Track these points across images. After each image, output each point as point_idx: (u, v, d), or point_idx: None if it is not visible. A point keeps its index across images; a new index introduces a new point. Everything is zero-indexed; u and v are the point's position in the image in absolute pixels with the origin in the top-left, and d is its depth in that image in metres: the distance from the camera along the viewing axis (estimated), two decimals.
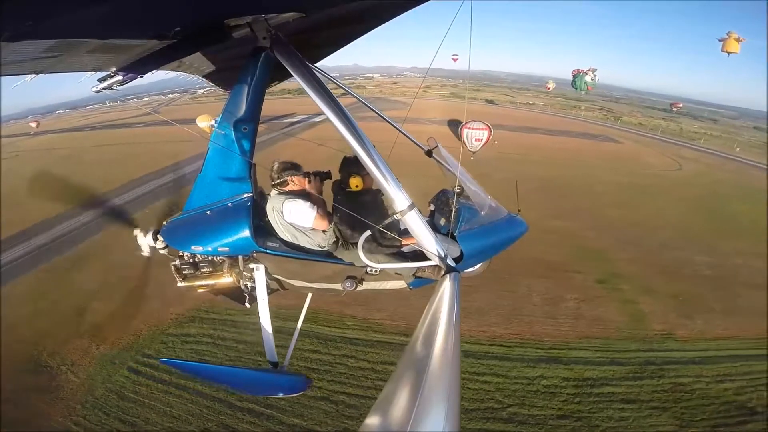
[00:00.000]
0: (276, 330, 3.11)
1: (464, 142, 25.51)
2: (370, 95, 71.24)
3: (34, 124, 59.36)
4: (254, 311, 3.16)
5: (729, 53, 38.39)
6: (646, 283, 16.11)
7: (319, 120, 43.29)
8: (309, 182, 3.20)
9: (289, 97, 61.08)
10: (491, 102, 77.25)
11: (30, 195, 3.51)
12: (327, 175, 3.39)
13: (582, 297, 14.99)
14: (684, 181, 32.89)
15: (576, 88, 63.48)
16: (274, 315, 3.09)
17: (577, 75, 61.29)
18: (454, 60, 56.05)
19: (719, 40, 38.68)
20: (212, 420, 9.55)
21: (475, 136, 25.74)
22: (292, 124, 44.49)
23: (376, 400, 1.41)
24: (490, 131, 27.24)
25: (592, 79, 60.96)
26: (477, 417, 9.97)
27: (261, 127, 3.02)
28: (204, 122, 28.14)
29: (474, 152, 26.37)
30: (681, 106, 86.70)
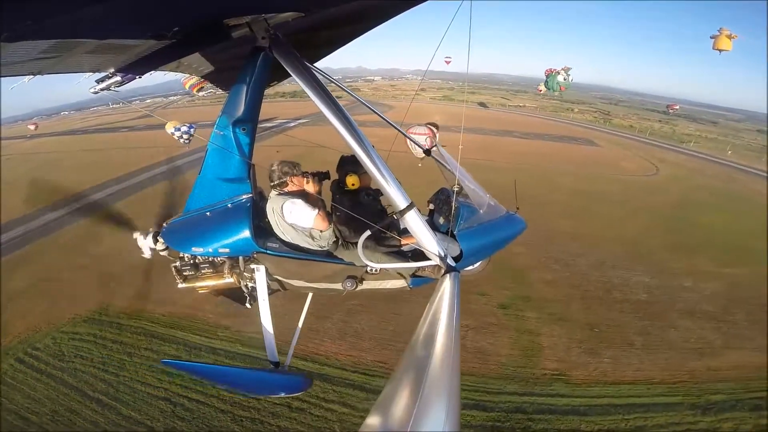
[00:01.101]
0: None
1: (409, 149, 24.31)
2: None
3: (32, 127, 58.59)
4: (254, 311, 3.17)
5: (721, 51, 35.02)
6: (559, 310, 13.96)
7: (293, 125, 43.17)
8: (308, 182, 3.20)
9: (281, 100, 61.25)
10: (483, 105, 75.74)
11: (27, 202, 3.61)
12: (326, 175, 3.40)
13: (474, 324, 13.00)
14: (656, 187, 30.81)
15: (549, 89, 59.70)
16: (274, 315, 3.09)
17: (549, 75, 57.44)
18: (447, 63, 54.99)
19: (711, 38, 35.68)
20: (63, 405, 10.51)
21: (421, 141, 25.05)
22: (266, 129, 44.96)
23: (377, 400, 1.40)
24: (434, 135, 26.42)
25: (565, 79, 56.74)
26: None
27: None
28: (170, 128, 28.38)
29: (421, 159, 24.69)
30: (677, 107, 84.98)
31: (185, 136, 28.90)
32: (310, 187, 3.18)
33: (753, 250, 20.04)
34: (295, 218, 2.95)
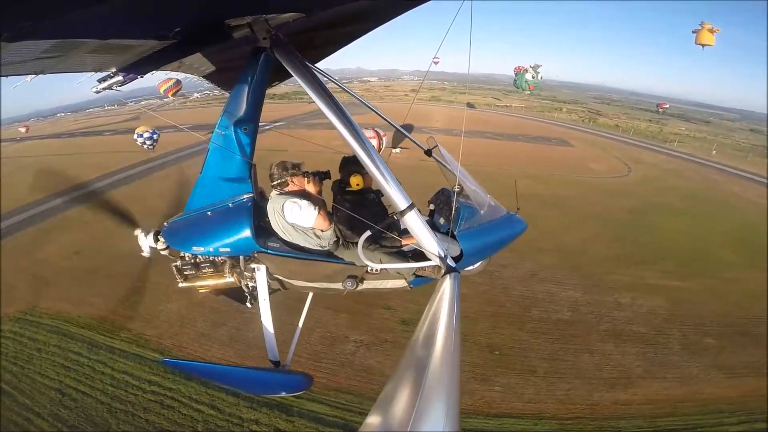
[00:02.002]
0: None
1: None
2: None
3: (23, 129, 58.09)
4: (255, 310, 3.18)
5: (703, 46, 33.17)
6: (463, 329, 13.10)
7: (267, 128, 43.08)
8: (309, 182, 3.20)
9: (270, 102, 60.89)
10: (470, 105, 72.58)
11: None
12: (326, 175, 3.40)
13: (368, 340, 12.72)
14: (622, 190, 29.03)
15: (517, 88, 56.98)
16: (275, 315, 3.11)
17: (518, 73, 54.63)
18: (435, 63, 53.56)
19: (693, 32, 33.63)
20: None
21: None
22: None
23: (377, 399, 1.40)
24: (380, 139, 25.66)
25: (533, 77, 54.29)
26: None
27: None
28: (135, 134, 28.64)
29: None
30: (667, 106, 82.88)
31: (148, 142, 28.60)
32: (311, 187, 3.19)
33: (713, 259, 18.55)
34: (296, 218, 2.96)
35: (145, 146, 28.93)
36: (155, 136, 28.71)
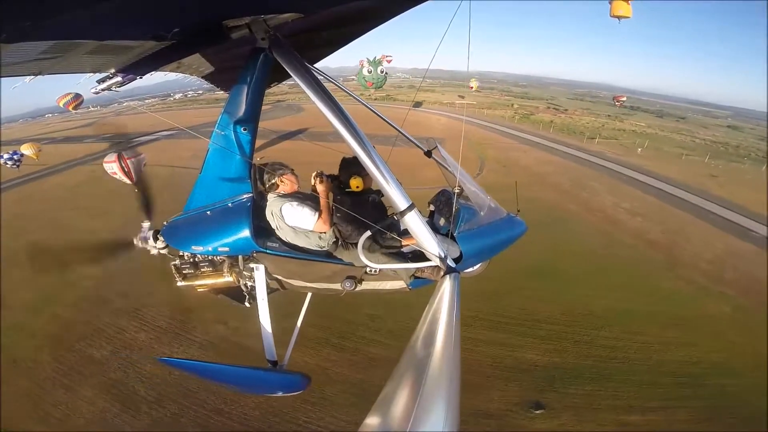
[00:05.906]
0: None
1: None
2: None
3: None
4: (253, 310, 3.18)
5: (620, 18, 28.00)
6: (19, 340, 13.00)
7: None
8: (320, 182, 3.10)
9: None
10: (418, 104, 68.26)
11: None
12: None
13: None
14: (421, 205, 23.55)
15: (363, 86, 47.45)
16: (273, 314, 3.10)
17: (360, 68, 46.00)
18: (388, 62, 49.63)
19: (609, 2, 27.95)
20: None
21: (110, 169, 21.98)
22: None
23: (376, 399, 1.40)
24: (122, 163, 22.75)
25: (370, 72, 44.15)
26: None
27: None
28: (28, 150, 29.47)
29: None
30: (624, 99, 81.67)
31: (9, 163, 29.16)
32: (321, 187, 3.09)
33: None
34: (296, 221, 2.98)
35: (8, 165, 29.29)
36: (16, 157, 29.35)
